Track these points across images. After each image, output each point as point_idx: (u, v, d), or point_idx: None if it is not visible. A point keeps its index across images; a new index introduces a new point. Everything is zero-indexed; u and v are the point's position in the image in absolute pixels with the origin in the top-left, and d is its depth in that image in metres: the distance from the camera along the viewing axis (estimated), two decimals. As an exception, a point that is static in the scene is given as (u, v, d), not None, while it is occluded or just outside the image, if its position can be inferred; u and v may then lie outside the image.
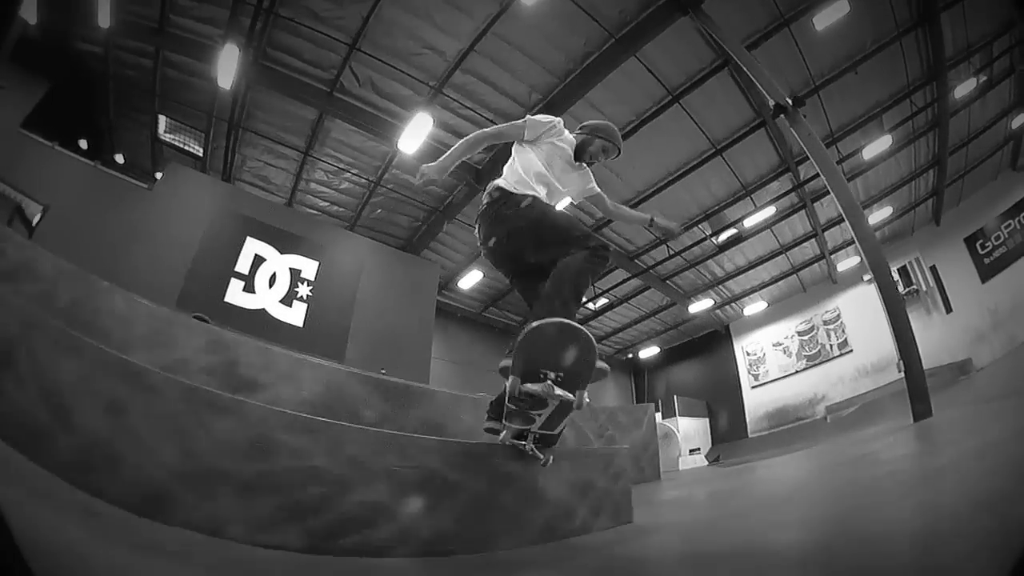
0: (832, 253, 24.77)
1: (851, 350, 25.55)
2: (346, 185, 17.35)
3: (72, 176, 11.86)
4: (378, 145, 15.71)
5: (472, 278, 21.86)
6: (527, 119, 3.68)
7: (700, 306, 25.42)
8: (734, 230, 21.22)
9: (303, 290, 13.55)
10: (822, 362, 26.51)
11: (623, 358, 32.71)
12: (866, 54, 14.83)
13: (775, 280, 26.45)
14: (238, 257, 12.80)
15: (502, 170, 3.69)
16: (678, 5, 12.48)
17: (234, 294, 12.48)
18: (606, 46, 13.32)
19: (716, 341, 30.69)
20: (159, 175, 13.92)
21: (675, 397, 27.70)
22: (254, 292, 12.78)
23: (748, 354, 29.29)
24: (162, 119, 14.96)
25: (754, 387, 28.55)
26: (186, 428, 2.59)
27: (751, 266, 24.81)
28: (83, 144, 14.40)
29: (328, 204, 18.02)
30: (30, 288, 3.96)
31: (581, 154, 3.88)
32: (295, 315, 13.25)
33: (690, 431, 27.43)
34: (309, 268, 13.86)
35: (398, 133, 14.06)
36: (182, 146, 15.59)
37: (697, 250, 22.68)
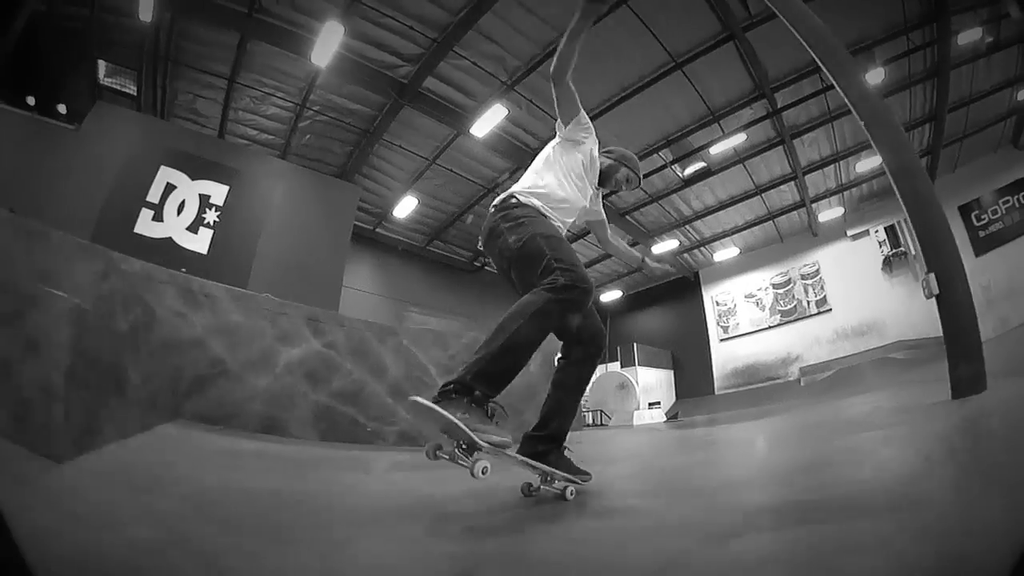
0: (814, 201, 23.21)
1: (830, 309, 24.28)
2: (273, 111, 16.61)
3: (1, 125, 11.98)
4: (299, 65, 14.84)
5: (407, 206, 20.55)
6: (582, 111, 3.33)
7: (665, 247, 23.87)
8: (702, 163, 20.15)
9: (211, 216, 13.28)
10: (798, 319, 25.16)
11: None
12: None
13: (749, 225, 24.82)
14: (150, 186, 12.64)
15: (523, 176, 3.41)
16: None
17: (144, 224, 12.32)
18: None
19: (684, 288, 28.93)
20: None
21: (635, 345, 26.25)
22: (162, 220, 12.58)
23: (718, 304, 27.75)
24: (102, 64, 14.74)
25: (723, 340, 27.08)
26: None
27: (722, 206, 23.18)
28: (31, 101, 14.54)
29: (258, 132, 17.31)
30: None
31: (606, 180, 3.71)
32: (201, 242, 12.99)
33: (651, 383, 26.16)
34: (219, 193, 13.55)
35: (311, 47, 13.45)
36: (120, 88, 15.33)
37: (659, 182, 21.12)
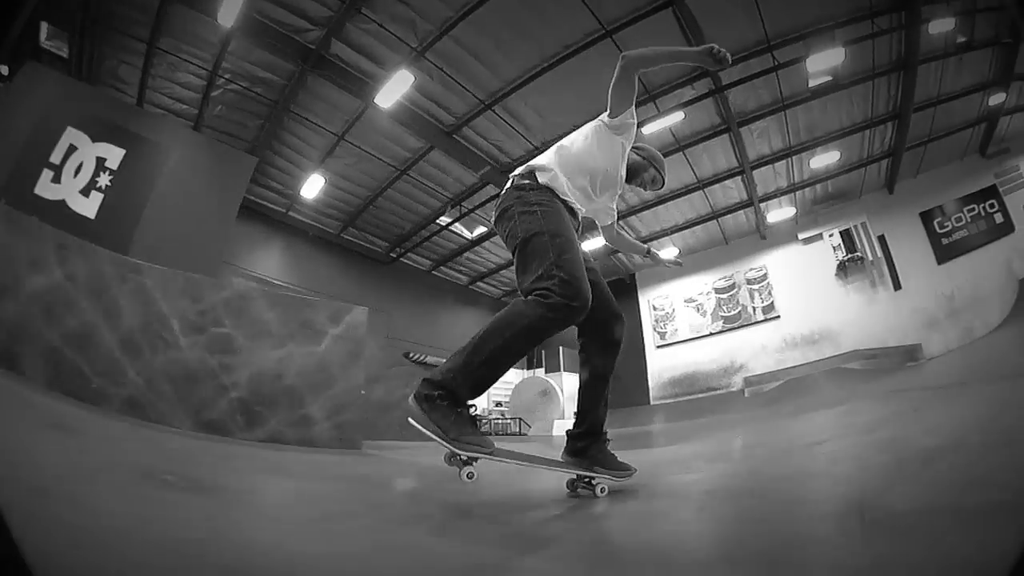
0: (763, 200, 21.87)
1: (778, 316, 23.03)
2: (187, 78, 15.64)
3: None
4: (210, 27, 13.91)
5: (314, 185, 18.76)
6: (633, 106, 3.33)
7: (594, 243, 21.55)
8: None
9: (103, 180, 12.74)
10: (742, 326, 23.82)
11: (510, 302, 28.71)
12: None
13: (690, 224, 23.19)
14: (54, 147, 12.17)
15: (546, 152, 3.32)
16: None
17: (44, 185, 11.92)
18: None
19: (618, 291, 26.26)
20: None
21: (561, 349, 24.23)
22: (59, 183, 12.12)
23: (654, 308, 26.13)
24: (43, 26, 14.23)
25: (659, 347, 25.46)
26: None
27: (660, 201, 21.44)
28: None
29: (173, 102, 16.27)
30: None
31: (632, 177, 3.71)
32: (90, 206, 12.48)
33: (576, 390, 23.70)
34: (115, 157, 12.90)
35: (219, 5, 12.79)
36: (56, 51, 14.77)
37: None
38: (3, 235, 4.96)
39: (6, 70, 14.61)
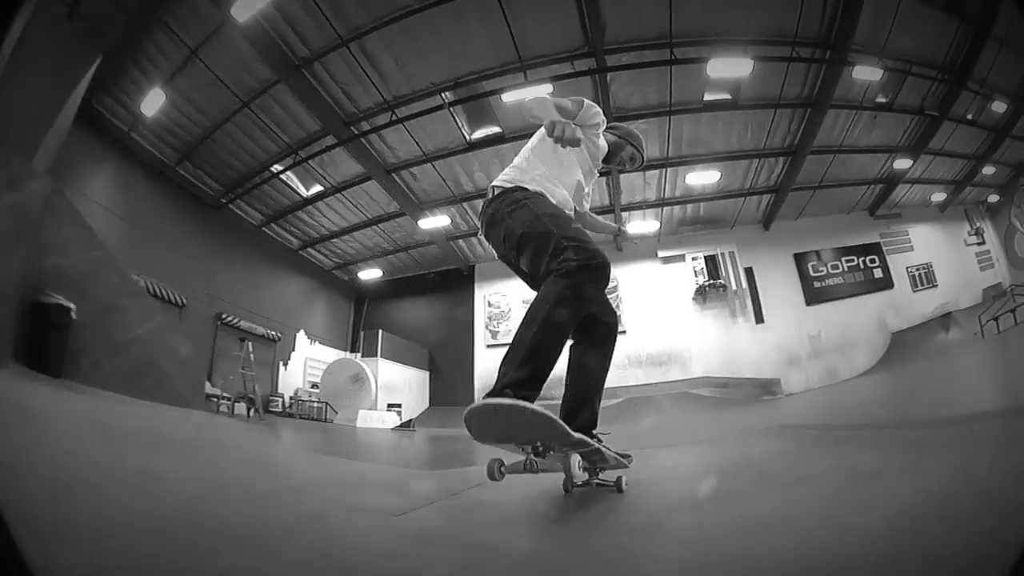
0: (625, 209, 20.58)
1: (624, 331, 21.41)
2: None
3: None
4: None
5: (154, 102, 15.70)
6: (587, 101, 3.18)
7: (434, 223, 19.69)
8: (496, 128, 16.59)
9: None
10: None
11: (344, 277, 26.11)
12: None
13: None
14: None
15: (515, 160, 3.19)
16: None
17: None
18: None
19: (456, 282, 24.94)
20: None
21: (380, 333, 21.72)
22: None
23: (490, 305, 24.11)
24: None
25: (490, 346, 23.54)
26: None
27: None
28: None
29: None
30: None
31: (611, 158, 3.55)
32: None
33: (396, 381, 21.83)
34: None
35: None
36: None
37: (441, 137, 16.74)
38: None
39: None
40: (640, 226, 21.46)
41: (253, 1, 12.69)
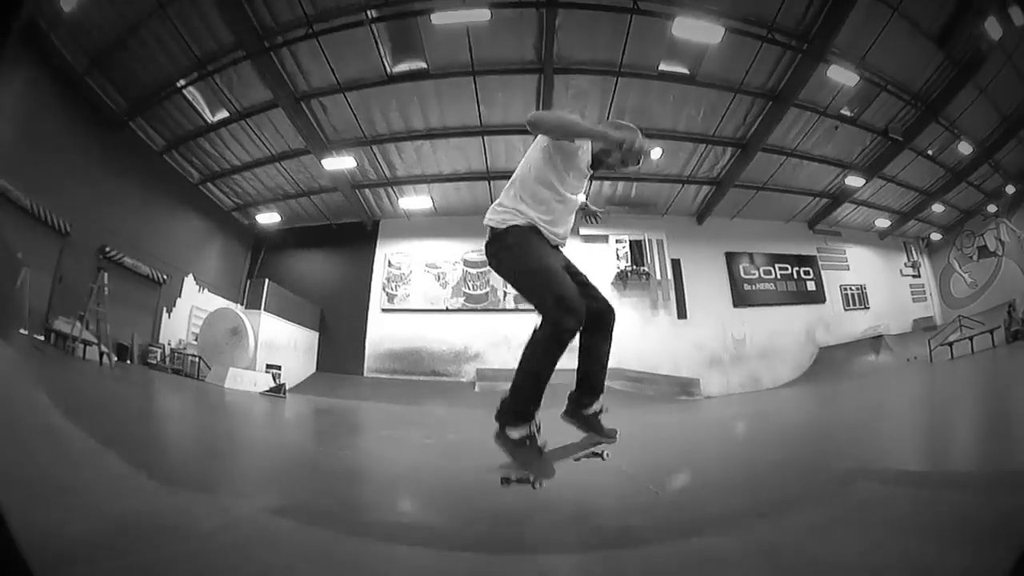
0: None
1: (531, 308, 19.15)
2: None
3: None
4: None
5: None
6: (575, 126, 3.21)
7: (339, 164, 17.73)
8: (421, 63, 14.87)
9: None
10: (487, 310, 21.17)
11: (243, 221, 23.56)
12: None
13: (458, 178, 19.63)
14: None
15: (512, 192, 3.36)
16: None
17: None
18: None
19: (358, 237, 22.76)
20: None
21: (266, 282, 19.46)
22: None
23: (390, 265, 22.14)
24: None
25: (385, 310, 21.70)
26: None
27: (430, 134, 17.44)
28: None
29: None
30: None
31: (597, 165, 3.51)
32: None
33: (280, 340, 19.71)
34: None
35: None
36: None
37: (359, 64, 14.94)
38: None
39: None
40: (563, 196, 20.14)
41: None
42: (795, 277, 22.05)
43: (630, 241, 20.60)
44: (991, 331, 16.48)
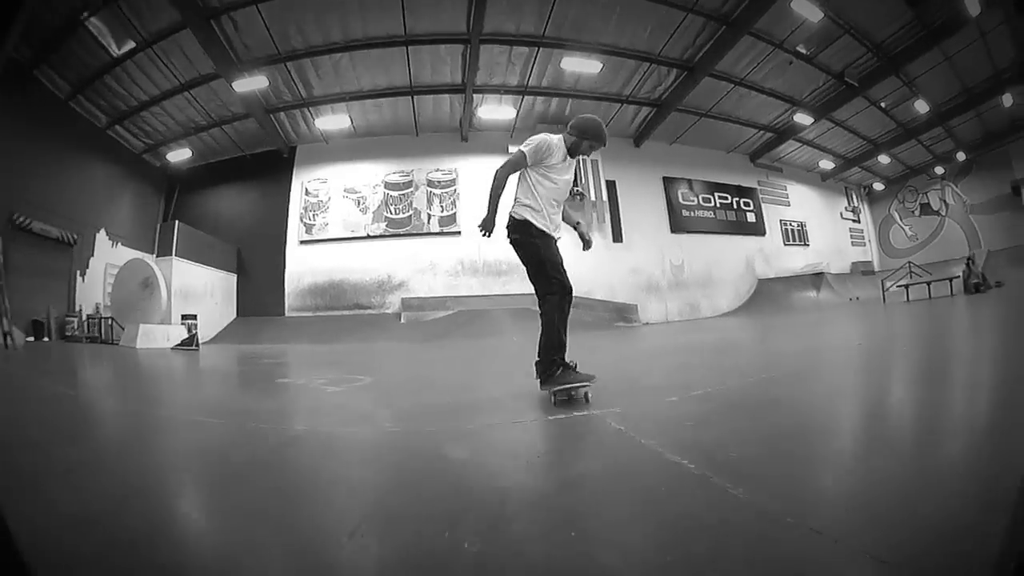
0: (479, 92, 18.10)
1: (458, 231, 19.97)
2: None
3: None
4: None
5: None
6: (526, 149, 4.16)
7: (250, 84, 16.34)
8: None
9: None
10: (411, 234, 20.20)
11: (155, 163, 21.48)
12: None
13: (377, 94, 18.23)
14: None
15: (517, 195, 4.39)
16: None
17: None
18: None
19: (273, 167, 21.14)
20: None
21: (176, 225, 17.93)
22: None
23: (307, 193, 20.80)
24: None
25: (304, 242, 20.42)
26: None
27: (348, 46, 15.94)
28: None
29: None
30: None
31: (574, 154, 4.39)
32: None
33: (195, 286, 18.22)
34: None
35: None
36: None
37: None
38: None
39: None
40: (492, 111, 19.20)
41: None
42: (735, 207, 22.14)
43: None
44: (950, 280, 16.80)
